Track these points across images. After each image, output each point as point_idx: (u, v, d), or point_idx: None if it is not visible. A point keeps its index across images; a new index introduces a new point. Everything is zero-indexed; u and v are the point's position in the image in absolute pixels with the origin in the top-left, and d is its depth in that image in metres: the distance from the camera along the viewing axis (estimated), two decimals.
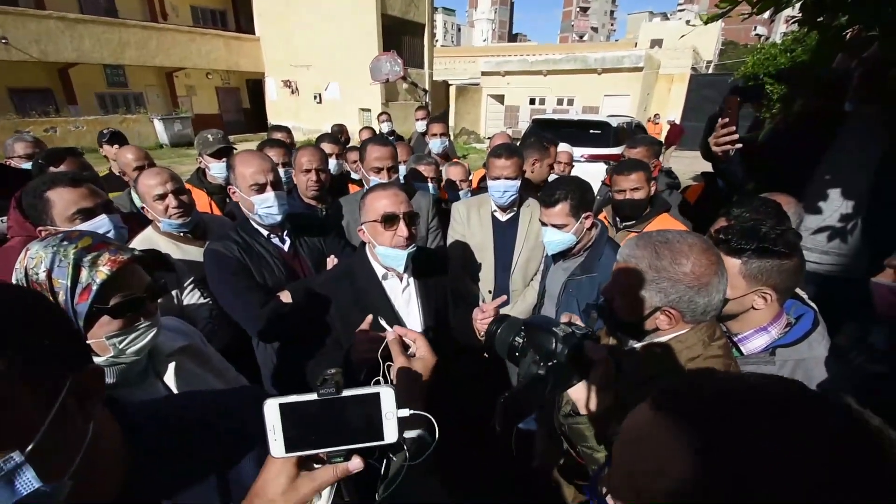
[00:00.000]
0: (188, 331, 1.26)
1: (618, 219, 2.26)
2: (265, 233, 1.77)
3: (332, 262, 1.91)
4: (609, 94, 18.27)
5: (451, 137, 4.84)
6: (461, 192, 2.95)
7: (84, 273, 0.87)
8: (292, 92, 18.40)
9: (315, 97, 17.90)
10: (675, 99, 19.59)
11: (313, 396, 0.59)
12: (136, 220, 1.92)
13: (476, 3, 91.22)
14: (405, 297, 1.60)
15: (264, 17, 18.05)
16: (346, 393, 0.60)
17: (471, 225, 2.31)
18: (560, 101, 19.27)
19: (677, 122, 15.58)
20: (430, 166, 2.72)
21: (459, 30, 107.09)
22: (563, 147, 3.21)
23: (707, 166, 2.18)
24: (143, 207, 1.83)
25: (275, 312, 1.65)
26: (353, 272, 1.58)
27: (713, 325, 1.00)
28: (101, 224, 1.37)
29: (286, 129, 3.33)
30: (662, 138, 12.32)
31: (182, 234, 1.90)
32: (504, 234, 2.29)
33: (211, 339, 1.61)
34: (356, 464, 0.61)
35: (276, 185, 1.69)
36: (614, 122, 7.10)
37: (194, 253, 1.84)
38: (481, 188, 3.24)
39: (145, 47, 15.25)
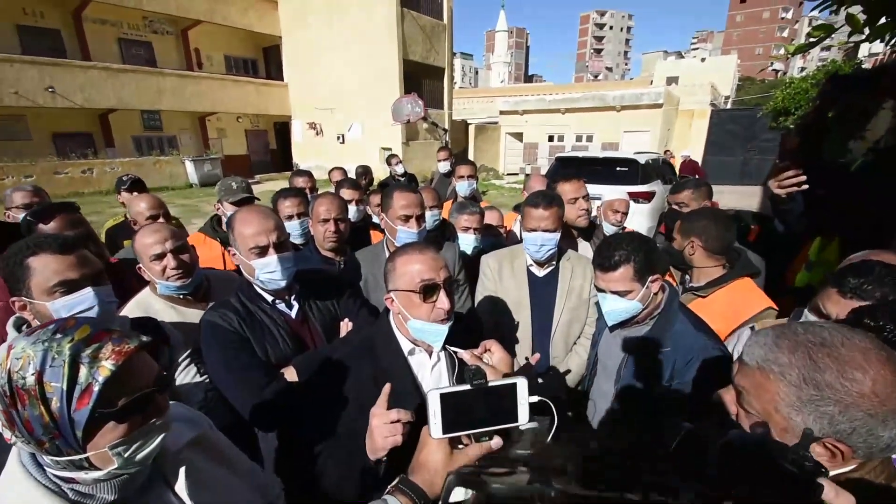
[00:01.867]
0: (194, 416, 1.03)
1: (687, 277, 1.94)
2: (269, 298, 1.54)
3: (345, 326, 1.66)
4: (628, 130, 18.25)
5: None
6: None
7: (83, 371, 0.69)
8: (317, 133, 19.04)
9: (338, 137, 18.45)
10: (696, 134, 19.41)
11: (467, 387, 0.74)
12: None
13: (493, 47, 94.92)
14: (435, 376, 1.32)
15: (292, 65, 19.01)
16: (492, 383, 0.75)
17: (503, 281, 2.05)
18: (579, 138, 19.32)
19: (692, 156, 15.46)
20: (474, 216, 2.45)
21: (477, 73, 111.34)
22: (617, 194, 2.89)
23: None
24: (139, 267, 1.64)
25: (276, 396, 1.39)
26: (374, 347, 1.32)
27: (890, 463, 0.69)
28: (83, 300, 1.17)
29: (307, 174, 3.20)
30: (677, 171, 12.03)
31: (182, 297, 1.70)
32: (542, 292, 2.01)
33: None
34: (497, 441, 0.75)
35: (281, 247, 1.48)
36: (642, 159, 6.86)
37: (195, 317, 1.62)
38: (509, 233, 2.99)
39: (181, 94, 16.11)
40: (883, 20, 1.50)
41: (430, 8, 17.48)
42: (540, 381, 1.99)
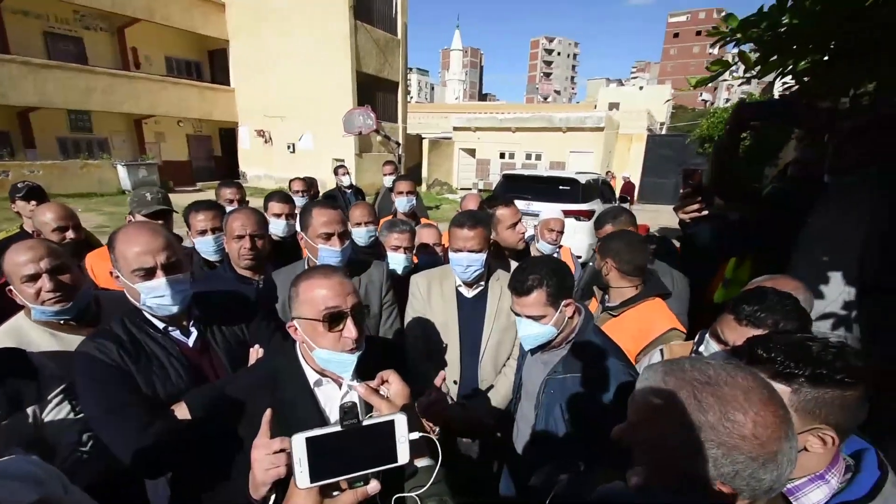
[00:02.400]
0: (41, 474, 0.84)
1: (606, 297, 1.98)
2: (160, 325, 1.38)
3: (255, 353, 1.53)
4: (574, 150, 19.18)
5: (422, 191, 4.64)
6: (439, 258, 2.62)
7: None
8: (266, 141, 18.36)
9: (289, 147, 17.88)
10: (634, 157, 20.78)
11: (337, 428, 0.68)
12: None
13: (448, 64, 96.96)
14: (350, 385, 1.23)
15: (239, 69, 18.27)
16: (367, 422, 0.69)
17: (432, 301, 1.99)
18: (529, 156, 20.03)
19: (631, 178, 16.64)
20: (404, 234, 2.38)
21: (433, 88, 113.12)
22: (553, 213, 2.93)
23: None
24: (9, 289, 1.43)
25: (161, 437, 1.23)
26: (277, 378, 1.21)
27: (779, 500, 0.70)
28: None
29: (236, 185, 2.99)
30: (617, 191, 12.76)
31: (63, 322, 1.49)
32: (470, 313, 1.98)
33: (78, 472, 1.19)
34: (374, 486, 0.71)
35: (172, 268, 1.32)
36: (583, 179, 7.16)
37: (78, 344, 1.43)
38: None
39: (114, 94, 14.94)
40: (774, 57, 1.62)
41: (384, 22, 17.54)
42: (466, 403, 1.95)
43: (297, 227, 1.94)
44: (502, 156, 20.56)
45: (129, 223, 1.34)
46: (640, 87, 39.03)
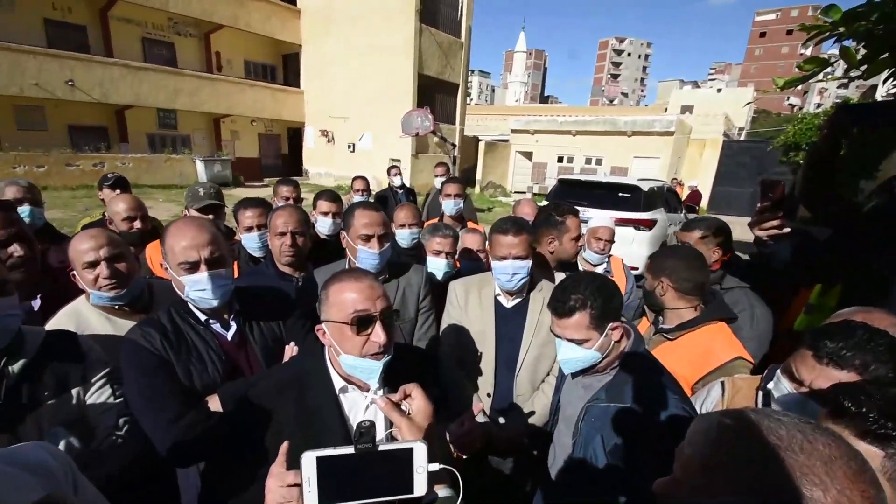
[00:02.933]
0: (53, 465, 0.87)
1: (660, 318, 1.79)
2: (202, 317, 1.43)
3: (290, 351, 1.54)
4: (639, 155, 18.16)
5: (475, 192, 4.58)
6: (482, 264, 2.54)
7: None
8: (328, 141, 19.20)
9: (349, 146, 18.57)
10: (706, 164, 19.27)
11: (350, 450, 0.64)
12: None
13: (511, 66, 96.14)
14: (369, 417, 1.19)
15: (310, 73, 19.29)
16: (382, 447, 0.65)
17: (469, 309, 1.92)
18: (588, 161, 19.25)
19: (699, 187, 15.35)
20: (446, 239, 2.33)
21: (493, 91, 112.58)
22: (602, 220, 2.73)
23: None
24: (73, 273, 1.54)
25: (193, 428, 1.26)
26: (303, 381, 1.20)
27: None
28: None
29: (293, 183, 3.09)
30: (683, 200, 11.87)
31: (118, 307, 1.59)
32: (509, 324, 1.88)
33: (111, 455, 1.25)
34: None
35: (215, 263, 1.36)
36: (645, 186, 6.72)
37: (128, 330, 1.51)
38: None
39: (197, 95, 16.39)
40: (885, 55, 1.37)
41: (449, 25, 17.69)
42: (501, 420, 1.85)
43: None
44: (560, 160, 19.95)
45: (180, 218, 1.39)
46: (718, 90, 36.19)
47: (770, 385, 1.16)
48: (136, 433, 1.31)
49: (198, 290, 1.35)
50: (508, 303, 1.89)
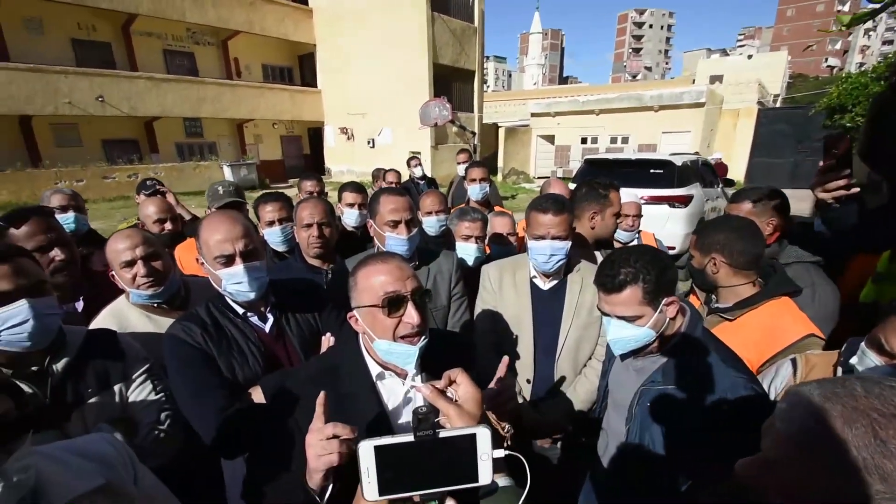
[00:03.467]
0: (113, 457, 0.87)
1: (712, 297, 1.66)
2: (240, 310, 1.42)
3: (326, 342, 1.52)
4: (668, 130, 17.47)
5: (497, 179, 4.49)
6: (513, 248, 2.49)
7: None
8: (348, 138, 19.38)
9: (368, 142, 18.69)
10: (741, 134, 18.32)
11: (409, 438, 0.61)
12: None
13: (527, 49, 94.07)
14: (409, 404, 1.15)
15: (325, 72, 19.45)
16: (443, 434, 0.62)
17: (503, 293, 1.85)
18: (614, 140, 18.69)
19: (722, 159, 14.50)
20: (475, 223, 2.25)
21: (510, 76, 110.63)
22: (627, 196, 2.62)
23: None
24: (111, 274, 1.57)
25: (237, 419, 1.26)
26: (338, 370, 1.17)
27: None
28: (16, 313, 1.08)
29: (316, 178, 3.09)
30: None
31: (156, 305, 1.61)
32: (546, 307, 1.80)
33: (155, 450, 1.26)
34: None
35: (250, 256, 1.35)
36: (678, 161, 6.41)
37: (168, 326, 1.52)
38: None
39: (220, 102, 16.84)
40: None
41: (461, 11, 17.41)
42: (540, 406, 1.78)
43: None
44: (584, 141, 19.43)
45: (212, 213, 1.38)
46: (749, 56, 34.23)
47: (854, 360, 1.04)
48: (179, 427, 1.32)
49: (235, 283, 1.34)
50: (545, 285, 1.81)
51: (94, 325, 1.52)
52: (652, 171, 6.27)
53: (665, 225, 5.87)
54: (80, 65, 13.87)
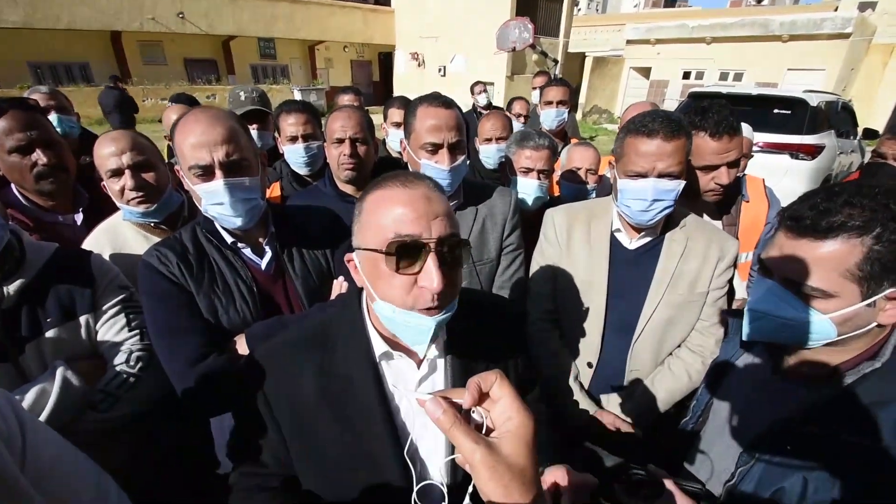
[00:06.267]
0: None
1: None
2: (230, 239, 1.13)
3: (338, 287, 1.21)
4: (794, 67, 14.43)
5: (577, 117, 3.77)
6: (589, 188, 1.98)
7: None
8: (419, 65, 18.51)
9: (439, 70, 17.69)
10: (891, 76, 14.70)
11: None
12: None
13: None
14: (424, 397, 0.80)
15: None
16: None
17: (572, 249, 1.39)
18: (724, 76, 15.86)
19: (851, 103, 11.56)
20: (539, 151, 1.73)
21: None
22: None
23: None
24: (102, 184, 1.33)
25: (211, 375, 1.01)
26: (330, 339, 0.84)
27: None
28: None
29: (355, 90, 2.65)
30: None
31: (152, 224, 1.38)
32: (629, 273, 1.33)
33: (121, 398, 1.04)
34: None
35: (234, 168, 1.02)
36: (813, 100, 5.09)
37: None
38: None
39: (292, 21, 16.60)
40: None
41: None
42: (606, 400, 1.38)
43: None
44: (686, 76, 16.65)
45: (190, 110, 1.05)
46: None
47: None
48: (155, 372, 1.09)
49: (214, 203, 1.03)
50: (631, 243, 1.33)
51: (86, 242, 1.33)
52: (777, 110, 5.05)
53: (781, 180, 4.80)
54: None
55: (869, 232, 0.65)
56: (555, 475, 0.74)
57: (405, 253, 0.66)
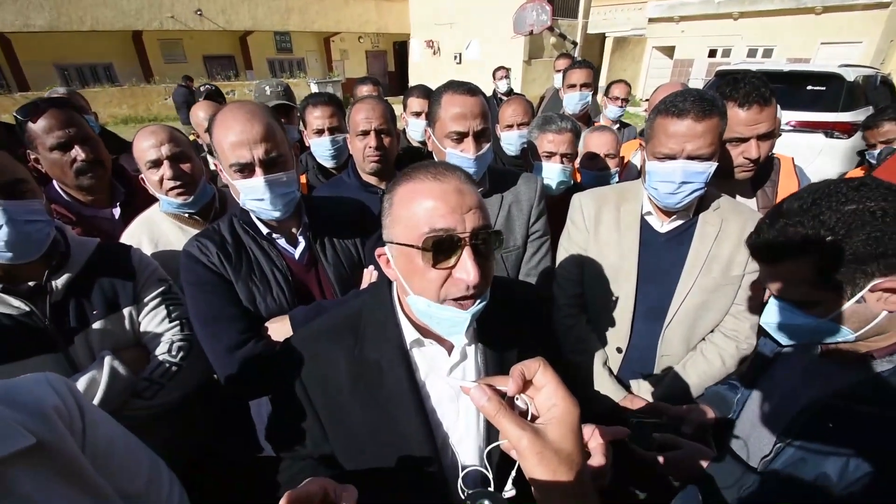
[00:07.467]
0: (43, 407, 0.63)
1: None
2: (265, 230, 1.16)
3: (368, 276, 1.24)
4: (829, 41, 13.69)
5: (598, 100, 3.68)
6: (612, 172, 1.95)
7: None
8: (434, 53, 18.36)
9: (455, 57, 17.52)
10: None
11: None
12: None
13: None
14: (455, 384, 0.82)
15: None
16: None
17: (600, 233, 1.38)
18: (752, 53, 15.15)
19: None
20: (563, 135, 1.70)
21: None
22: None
23: None
24: (141, 177, 1.38)
25: (251, 360, 1.06)
26: (361, 326, 0.86)
27: None
28: None
29: (372, 81, 2.64)
30: None
31: (188, 216, 1.42)
32: (661, 256, 1.31)
33: (164, 385, 1.09)
34: None
35: (272, 165, 1.05)
36: (850, 75, 4.83)
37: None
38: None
39: (307, 13, 16.69)
40: None
41: None
42: (635, 387, 1.37)
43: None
44: (712, 54, 15.98)
45: (229, 105, 1.07)
46: None
47: None
48: (197, 361, 1.14)
49: (255, 198, 1.07)
50: (663, 226, 1.31)
51: (125, 235, 1.39)
52: (810, 87, 4.83)
53: (814, 160, 4.61)
54: None
55: (807, 252, 0.68)
56: (585, 434, 0.74)
57: (440, 247, 0.67)
